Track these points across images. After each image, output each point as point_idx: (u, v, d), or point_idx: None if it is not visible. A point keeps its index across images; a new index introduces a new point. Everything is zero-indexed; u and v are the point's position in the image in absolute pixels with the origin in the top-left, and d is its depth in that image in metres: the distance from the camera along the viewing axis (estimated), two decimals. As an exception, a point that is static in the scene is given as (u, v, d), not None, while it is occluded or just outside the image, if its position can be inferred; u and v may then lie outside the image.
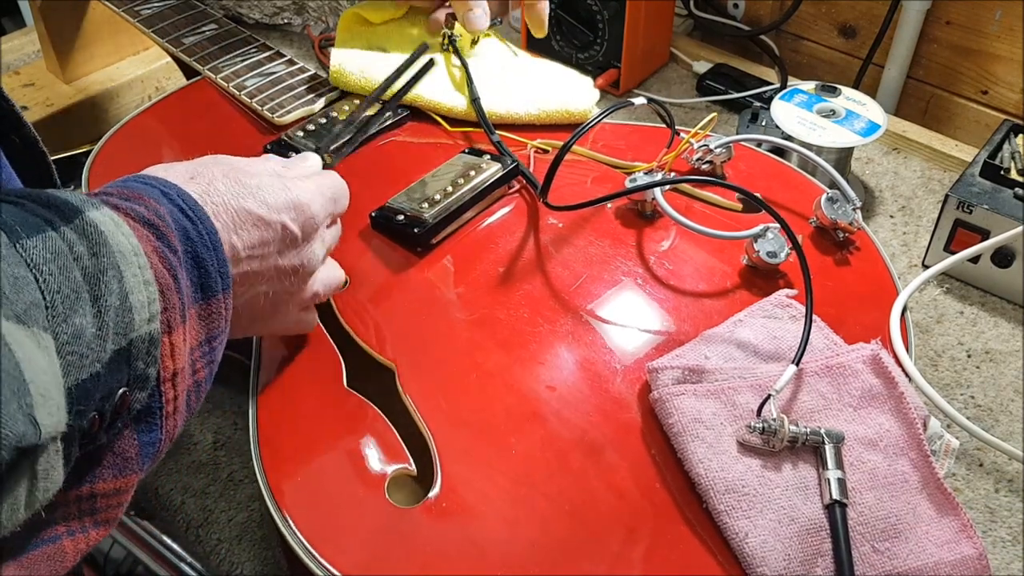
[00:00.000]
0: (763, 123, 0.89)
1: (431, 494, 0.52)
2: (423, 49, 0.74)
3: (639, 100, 0.72)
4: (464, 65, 0.79)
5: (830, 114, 0.82)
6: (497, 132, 0.74)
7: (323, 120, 0.76)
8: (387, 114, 0.73)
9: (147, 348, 0.38)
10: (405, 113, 0.78)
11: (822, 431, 0.53)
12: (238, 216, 0.48)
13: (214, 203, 0.46)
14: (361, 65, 0.78)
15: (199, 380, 0.44)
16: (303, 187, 0.52)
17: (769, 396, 0.54)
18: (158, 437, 0.41)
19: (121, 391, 0.38)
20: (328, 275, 0.57)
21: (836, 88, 0.85)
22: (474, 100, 0.76)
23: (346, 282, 0.64)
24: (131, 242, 0.39)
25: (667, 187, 0.69)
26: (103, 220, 0.38)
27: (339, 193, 0.56)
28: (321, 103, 0.78)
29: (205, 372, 0.45)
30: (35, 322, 0.34)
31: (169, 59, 1.02)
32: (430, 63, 0.72)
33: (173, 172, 0.47)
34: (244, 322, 0.52)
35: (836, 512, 0.50)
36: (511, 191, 0.71)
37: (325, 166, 0.59)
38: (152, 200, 0.43)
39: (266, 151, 0.74)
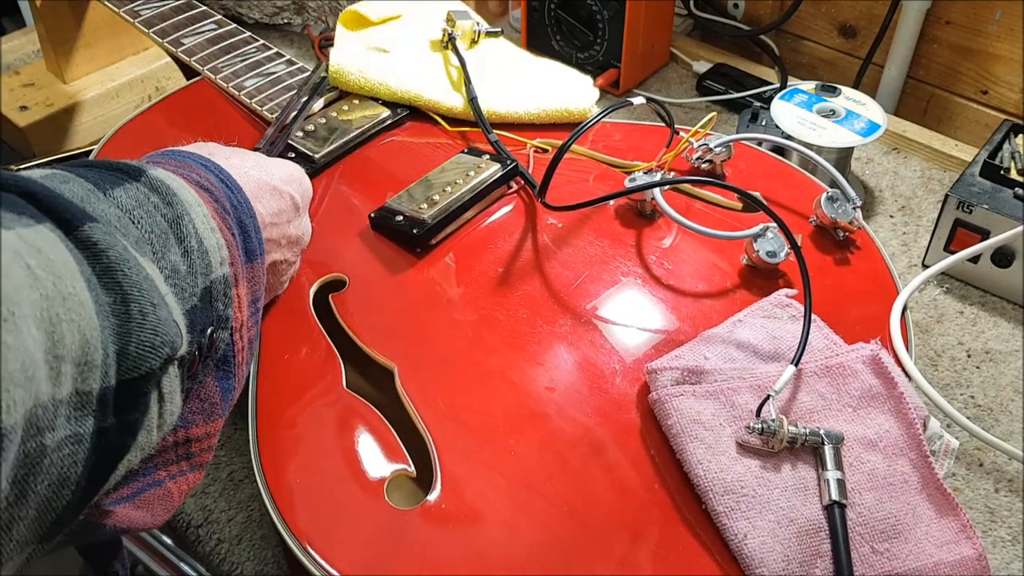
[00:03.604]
0: (763, 123, 0.89)
1: (430, 495, 0.52)
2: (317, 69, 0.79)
3: (639, 100, 0.72)
4: (462, 63, 0.79)
5: (830, 114, 0.82)
6: (497, 132, 0.74)
7: (323, 120, 0.76)
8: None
9: (223, 289, 0.42)
10: (405, 113, 0.78)
11: (821, 432, 0.53)
12: (258, 186, 0.51)
13: (237, 175, 0.49)
14: (361, 65, 0.78)
15: (251, 337, 0.47)
16: (290, 164, 0.57)
17: (768, 397, 0.54)
18: (233, 384, 0.44)
19: (210, 330, 0.40)
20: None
21: (836, 88, 0.85)
22: (471, 99, 0.76)
23: (346, 283, 0.64)
24: (192, 195, 0.42)
25: (666, 187, 0.69)
26: (165, 176, 0.41)
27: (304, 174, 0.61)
28: (320, 103, 0.78)
29: (254, 330, 0.48)
30: (145, 254, 0.37)
31: (169, 59, 1.02)
32: (323, 82, 0.77)
33: (190, 150, 0.51)
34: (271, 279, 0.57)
35: (835, 513, 0.50)
36: (510, 191, 0.71)
37: None
38: (199, 169, 0.46)
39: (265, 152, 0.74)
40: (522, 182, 0.72)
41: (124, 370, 0.33)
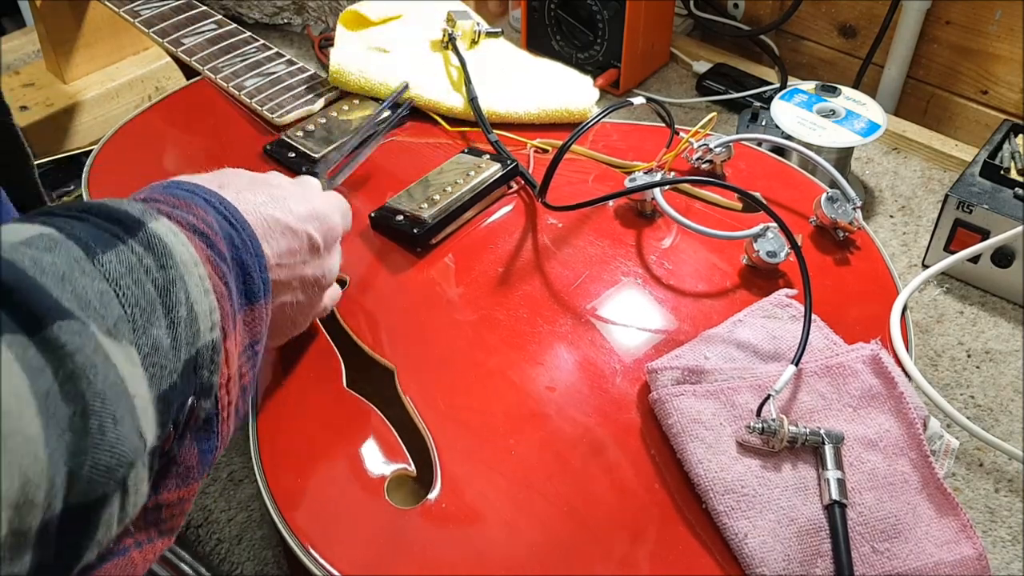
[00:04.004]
0: (763, 123, 0.89)
1: (430, 495, 0.52)
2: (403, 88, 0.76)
3: (639, 100, 0.72)
4: (463, 63, 0.79)
5: (830, 114, 0.82)
6: (497, 132, 0.74)
7: (323, 120, 0.76)
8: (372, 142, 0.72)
9: (211, 356, 0.39)
10: (405, 113, 0.78)
11: (822, 431, 0.53)
12: (268, 224, 0.48)
13: (245, 211, 0.47)
14: (360, 65, 0.78)
15: (244, 385, 0.45)
16: (322, 199, 0.53)
17: (769, 396, 0.54)
18: (215, 444, 0.41)
19: (190, 401, 0.38)
20: (334, 290, 0.58)
21: (836, 88, 0.85)
22: (471, 99, 0.76)
23: (346, 282, 0.64)
24: (190, 252, 0.39)
25: (666, 187, 0.69)
26: (164, 232, 0.39)
27: (347, 211, 0.58)
28: (321, 103, 0.78)
29: (249, 376, 0.45)
30: (123, 336, 0.34)
31: (169, 59, 1.02)
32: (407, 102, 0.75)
33: (200, 181, 0.47)
34: (269, 332, 0.52)
35: (836, 512, 0.50)
36: (510, 191, 0.71)
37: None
38: (199, 208, 0.43)
39: (266, 151, 0.74)
40: (522, 182, 0.72)
41: (74, 494, 0.31)
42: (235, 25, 0.85)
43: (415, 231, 0.65)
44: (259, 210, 0.48)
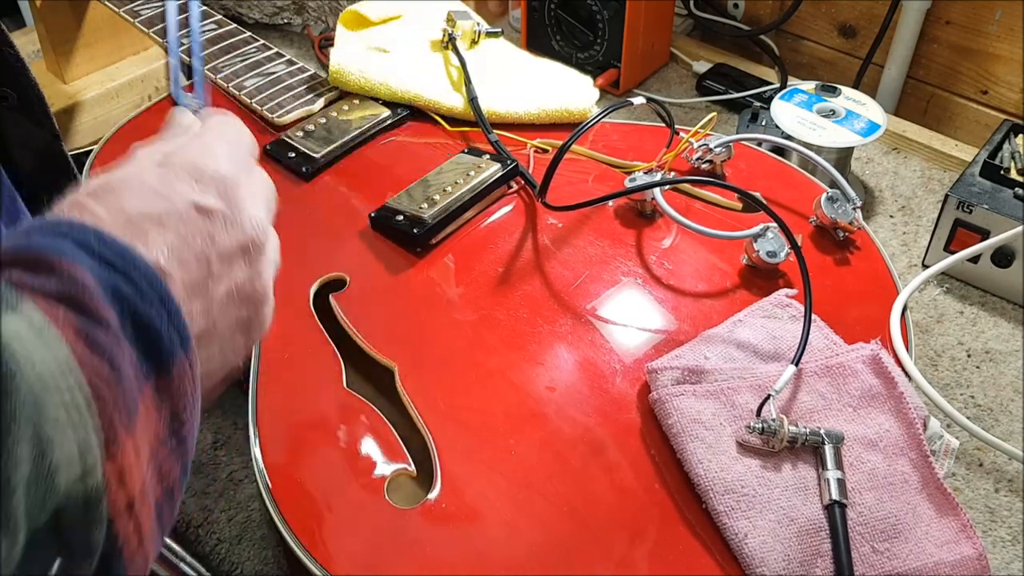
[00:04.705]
0: (763, 123, 0.89)
1: (430, 495, 0.52)
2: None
3: (639, 100, 0.72)
4: (463, 64, 0.79)
5: (830, 114, 0.82)
6: (497, 132, 0.74)
7: (323, 120, 0.76)
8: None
9: (83, 512, 0.28)
10: (405, 113, 0.78)
11: (822, 431, 0.53)
12: (139, 230, 0.36)
13: (147, 240, 0.36)
14: (360, 65, 0.78)
15: (170, 487, 0.33)
16: (189, 149, 0.42)
17: (769, 396, 0.54)
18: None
19: (57, 564, 0.28)
20: (273, 244, 0.43)
21: (836, 88, 0.85)
22: (471, 99, 0.76)
23: (346, 282, 0.64)
24: (58, 355, 0.28)
25: (666, 187, 0.69)
26: (17, 335, 0.27)
27: (272, 196, 0.43)
28: (321, 103, 0.78)
29: (178, 468, 0.33)
30: None
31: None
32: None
33: (75, 203, 0.37)
34: (217, 361, 0.40)
35: (836, 512, 0.50)
36: (510, 191, 0.71)
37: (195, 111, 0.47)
38: (65, 262, 0.31)
39: (266, 151, 0.74)
40: (522, 182, 0.72)
41: None
42: (235, 25, 0.85)
43: (415, 231, 0.65)
44: (127, 219, 0.36)
